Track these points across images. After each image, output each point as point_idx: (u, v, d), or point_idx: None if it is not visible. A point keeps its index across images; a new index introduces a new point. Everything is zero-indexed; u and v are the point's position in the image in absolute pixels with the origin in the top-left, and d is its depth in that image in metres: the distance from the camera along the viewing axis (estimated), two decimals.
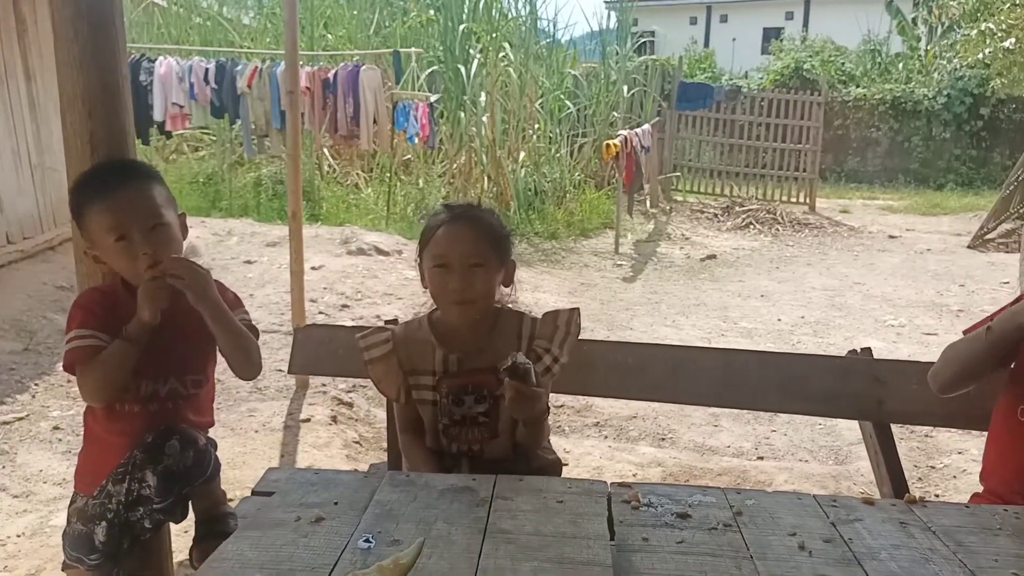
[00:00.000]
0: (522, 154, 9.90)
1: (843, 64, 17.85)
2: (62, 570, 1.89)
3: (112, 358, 1.72)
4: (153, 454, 1.71)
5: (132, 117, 1.97)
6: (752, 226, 10.52)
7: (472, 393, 1.83)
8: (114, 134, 1.90)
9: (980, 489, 1.85)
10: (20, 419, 3.84)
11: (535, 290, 6.78)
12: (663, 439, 4.18)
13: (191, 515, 1.94)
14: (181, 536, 2.46)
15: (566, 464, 3.76)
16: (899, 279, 7.93)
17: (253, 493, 1.64)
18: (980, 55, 13.33)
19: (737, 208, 11.18)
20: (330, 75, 7.58)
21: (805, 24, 26.39)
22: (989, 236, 9.63)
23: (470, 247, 1.77)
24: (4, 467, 3.41)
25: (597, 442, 4.10)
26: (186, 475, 1.74)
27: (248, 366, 1.85)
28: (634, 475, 3.66)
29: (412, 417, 1.90)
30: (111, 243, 1.73)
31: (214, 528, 1.83)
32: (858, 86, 16.74)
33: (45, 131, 6.35)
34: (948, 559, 1.30)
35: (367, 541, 1.33)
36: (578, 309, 1.88)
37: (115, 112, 1.91)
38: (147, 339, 1.73)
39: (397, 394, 1.88)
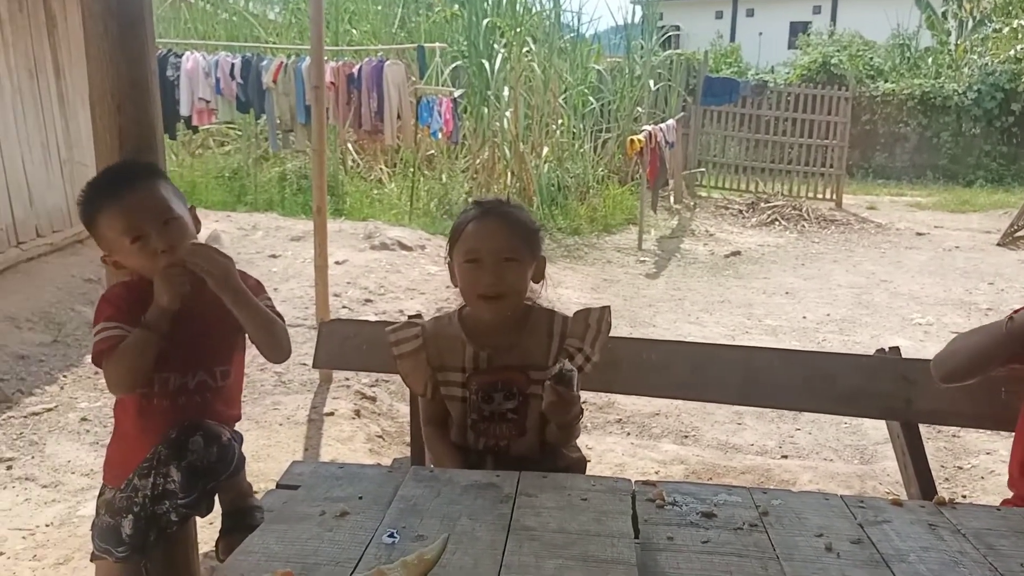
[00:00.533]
0: (545, 149, 9.88)
1: (871, 59, 17.61)
2: (91, 560, 1.91)
3: (133, 347, 1.73)
4: (177, 450, 1.72)
5: (160, 112, 1.98)
6: (777, 222, 10.43)
7: (502, 390, 1.81)
8: (142, 129, 1.92)
9: (1010, 495, 1.82)
10: (49, 410, 3.90)
11: (557, 286, 6.77)
12: (686, 436, 4.16)
13: (217, 507, 1.96)
14: (206, 528, 2.48)
15: (589, 461, 3.76)
16: (927, 277, 7.83)
17: (278, 486, 1.65)
18: (1012, 51, 13.11)
19: (762, 204, 11.08)
20: (354, 70, 7.60)
21: (833, 18, 26.11)
22: (1019, 234, 9.46)
23: (502, 241, 1.75)
24: (33, 457, 3.46)
25: (619, 439, 4.09)
26: (210, 471, 1.75)
27: (277, 349, 1.84)
28: (656, 472, 3.65)
29: (438, 411, 1.90)
30: (128, 245, 1.73)
31: (240, 521, 1.84)
32: (886, 81, 16.51)
33: (74, 126, 6.43)
34: (978, 562, 1.28)
35: (391, 536, 1.33)
36: (609, 308, 1.86)
37: (143, 107, 1.92)
38: (167, 326, 1.73)
39: (424, 389, 1.87)
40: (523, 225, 1.80)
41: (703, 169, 12.36)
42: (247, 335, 1.88)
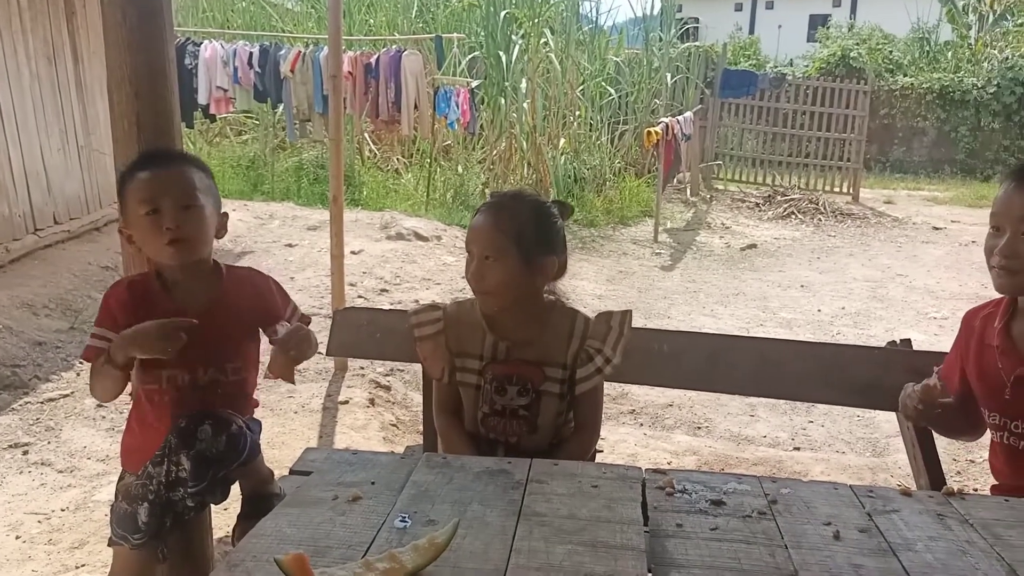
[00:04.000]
0: (562, 141, 9.86)
1: (891, 52, 17.44)
2: (108, 546, 1.93)
3: (101, 378, 1.78)
4: (185, 438, 1.74)
5: (178, 100, 2.01)
6: (794, 216, 10.37)
7: (516, 384, 1.83)
8: (160, 116, 1.94)
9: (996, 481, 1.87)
10: (65, 396, 3.95)
11: (572, 277, 6.75)
12: (699, 428, 4.16)
13: (235, 494, 1.98)
14: (221, 514, 2.52)
15: (601, 451, 3.77)
16: (943, 271, 7.77)
17: (291, 472, 1.67)
18: None
19: (779, 197, 11.01)
20: (372, 60, 7.62)
21: (853, 11, 25.87)
22: None
23: (485, 239, 1.76)
24: (49, 443, 3.51)
25: (632, 430, 4.10)
26: (219, 459, 1.76)
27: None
28: (669, 463, 3.66)
29: (452, 399, 1.91)
30: (142, 216, 1.74)
31: (259, 506, 1.85)
32: (905, 75, 16.35)
33: (92, 113, 6.48)
34: (986, 552, 1.28)
35: (403, 520, 1.35)
36: (631, 311, 1.88)
37: (161, 95, 1.95)
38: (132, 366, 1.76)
39: (442, 374, 1.88)
40: (519, 223, 1.76)
41: (720, 162, 12.31)
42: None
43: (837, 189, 11.61)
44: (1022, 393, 1.68)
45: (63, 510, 2.98)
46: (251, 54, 7.59)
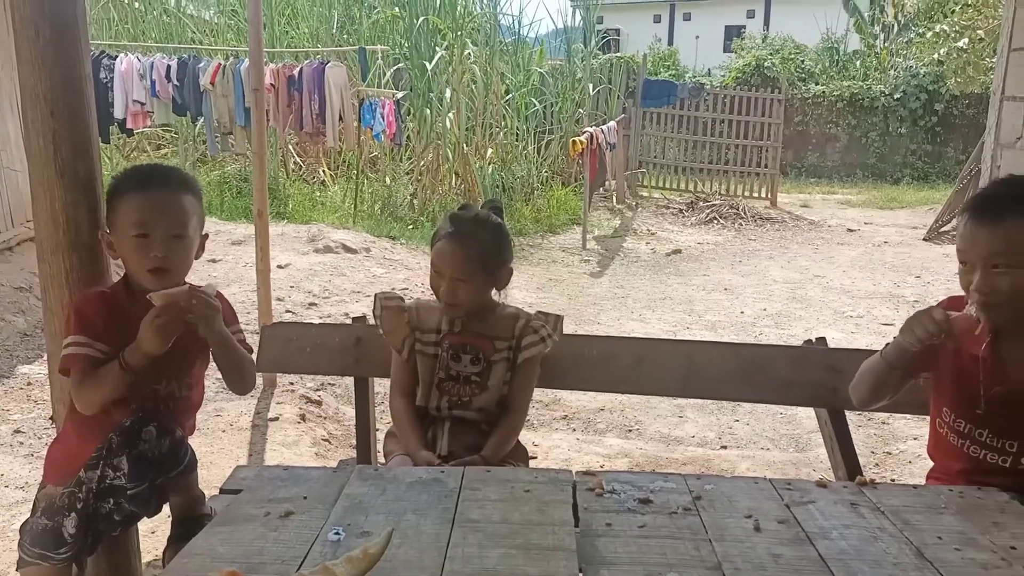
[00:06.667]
0: (489, 151, 9.92)
1: (803, 62, 18.13)
2: (17, 570, 1.82)
3: (108, 381, 1.74)
4: (129, 437, 1.71)
5: (95, 116, 1.96)
6: (716, 221, 10.66)
7: (470, 353, 2.06)
8: (77, 134, 1.90)
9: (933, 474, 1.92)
10: None
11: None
12: (630, 430, 4.24)
13: (165, 514, 1.94)
14: (149, 537, 2.46)
15: (535, 457, 3.81)
16: (857, 271, 8.10)
17: (221, 491, 1.66)
18: (935, 55, 13.65)
19: (701, 203, 11.32)
20: (295, 72, 7.53)
21: (766, 22, 26.75)
22: (944, 228, 9.86)
23: (458, 265, 2.01)
24: None
25: (565, 435, 4.15)
26: (160, 463, 1.74)
27: (242, 384, 1.95)
28: (601, 466, 3.72)
29: (408, 379, 2.09)
30: (130, 236, 1.77)
31: (190, 528, 1.82)
32: (817, 83, 17.02)
33: (2, 131, 6.23)
34: (895, 537, 1.36)
35: (337, 533, 1.35)
36: (562, 317, 2.18)
37: (78, 112, 1.90)
38: (143, 368, 1.75)
39: (402, 346, 2.08)
40: (483, 249, 2.04)
41: (644, 170, 12.57)
42: (218, 367, 1.92)
43: (756, 194, 11.99)
44: (996, 410, 1.68)
45: None
46: (169, 67, 7.41)
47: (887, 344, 1.78)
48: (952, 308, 1.71)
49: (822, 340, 2.31)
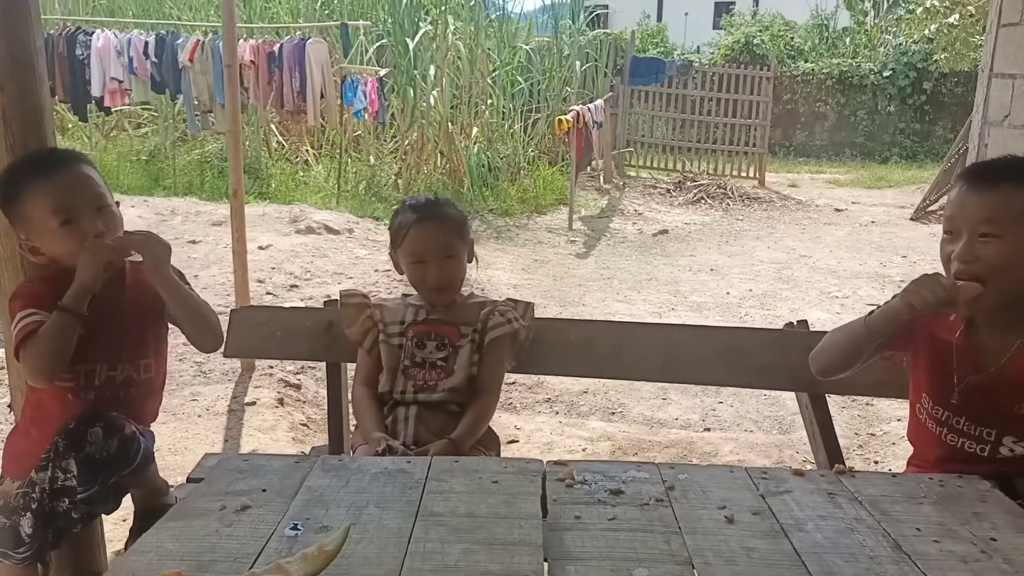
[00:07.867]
0: (475, 130, 9.81)
1: (792, 39, 18.00)
2: None
3: (50, 330, 1.66)
4: (74, 440, 1.66)
5: (48, 93, 1.89)
6: (703, 201, 10.60)
7: (435, 340, 2.02)
8: (28, 111, 1.83)
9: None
10: None
11: (488, 267, 6.75)
12: (613, 413, 4.21)
13: (129, 505, 1.90)
14: (119, 525, 2.41)
15: (516, 441, 3.77)
16: (844, 251, 8.08)
17: (188, 480, 1.61)
18: (924, 31, 13.58)
19: (688, 183, 11.25)
20: (275, 48, 7.40)
21: None
22: (931, 208, 9.84)
23: (443, 243, 2.00)
24: None
25: (548, 418, 4.12)
26: (109, 463, 1.69)
27: (209, 336, 1.88)
28: (584, 450, 3.69)
29: (372, 370, 2.05)
30: (55, 227, 1.69)
31: (153, 520, 1.77)
32: (806, 61, 16.90)
33: None
34: (873, 528, 1.32)
35: (294, 528, 1.30)
36: (533, 304, 2.19)
37: (29, 88, 1.83)
38: (84, 307, 1.68)
39: (363, 339, 2.05)
40: (455, 221, 2.05)
41: (631, 149, 12.48)
42: (178, 325, 1.86)
43: (744, 174, 11.93)
44: (971, 399, 1.64)
45: None
46: (147, 43, 7.28)
47: (871, 311, 1.72)
48: None
49: (804, 323, 2.26)
